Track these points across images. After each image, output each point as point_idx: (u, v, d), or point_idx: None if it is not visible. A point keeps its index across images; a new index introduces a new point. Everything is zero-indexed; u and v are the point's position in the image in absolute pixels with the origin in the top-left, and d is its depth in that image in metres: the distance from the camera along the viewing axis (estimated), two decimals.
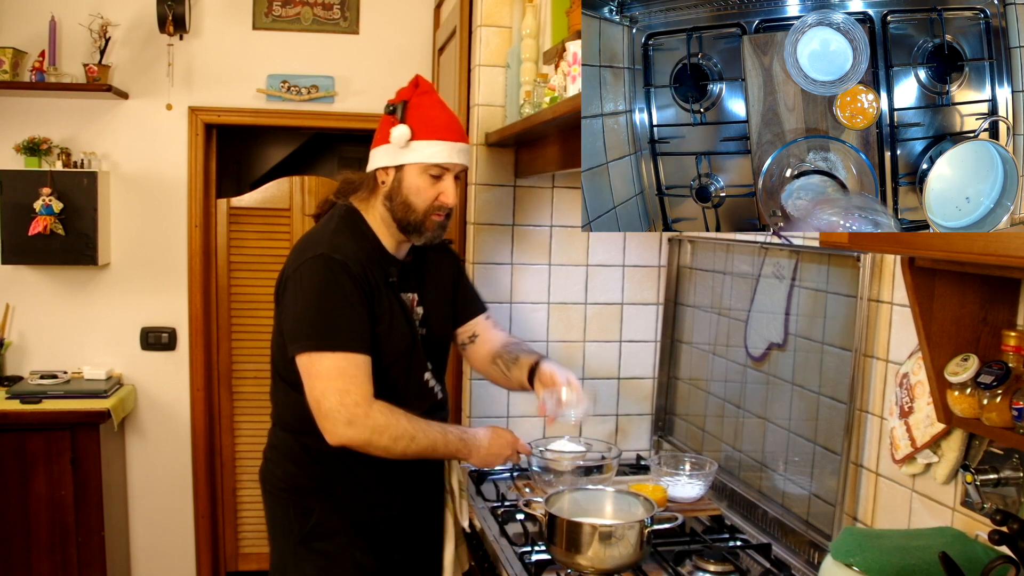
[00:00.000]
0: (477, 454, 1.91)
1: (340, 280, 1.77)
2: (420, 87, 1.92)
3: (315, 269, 1.78)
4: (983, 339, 1.38)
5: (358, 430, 1.72)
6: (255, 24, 3.57)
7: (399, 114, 1.86)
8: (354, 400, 1.72)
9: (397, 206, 1.87)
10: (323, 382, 1.73)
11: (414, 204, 1.86)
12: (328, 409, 1.72)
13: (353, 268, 1.79)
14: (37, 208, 3.25)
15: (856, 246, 1.31)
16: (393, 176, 1.88)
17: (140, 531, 3.68)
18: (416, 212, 1.87)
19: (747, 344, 2.21)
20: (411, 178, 1.86)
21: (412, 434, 1.78)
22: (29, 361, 3.54)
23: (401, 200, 1.87)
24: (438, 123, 1.87)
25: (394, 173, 1.88)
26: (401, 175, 1.87)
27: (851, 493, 1.79)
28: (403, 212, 1.87)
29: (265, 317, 3.74)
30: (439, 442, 1.84)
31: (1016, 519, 1.20)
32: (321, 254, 1.79)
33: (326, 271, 1.77)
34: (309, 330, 1.76)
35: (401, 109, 1.86)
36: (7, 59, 3.27)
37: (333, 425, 1.72)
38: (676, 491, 2.20)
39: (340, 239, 1.84)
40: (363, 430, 1.72)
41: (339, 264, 1.78)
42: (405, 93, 1.91)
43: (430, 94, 1.92)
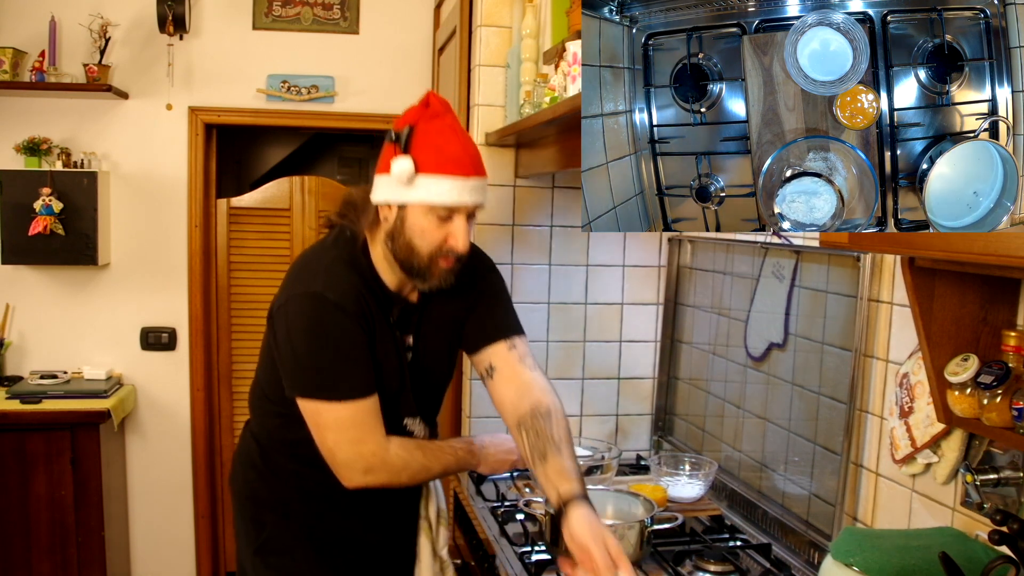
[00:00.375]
0: (485, 462, 1.86)
1: (337, 323, 1.61)
2: (430, 108, 1.62)
3: (307, 309, 1.61)
4: (983, 339, 1.38)
5: (377, 476, 1.66)
6: (255, 24, 3.57)
7: (402, 143, 1.60)
8: (370, 450, 1.64)
9: (399, 247, 1.64)
10: (335, 433, 1.63)
11: (418, 247, 1.63)
12: (344, 460, 1.64)
13: (349, 308, 1.62)
14: (37, 208, 3.25)
15: (856, 246, 1.31)
16: (396, 214, 1.63)
17: (140, 531, 3.68)
18: (420, 256, 1.64)
19: (747, 344, 2.21)
20: (415, 218, 1.62)
21: (428, 465, 1.73)
22: (29, 361, 3.54)
23: (404, 241, 1.63)
24: (447, 155, 1.60)
25: (396, 211, 1.63)
26: (404, 213, 1.62)
27: (851, 493, 1.79)
28: (406, 255, 1.64)
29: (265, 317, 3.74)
30: (451, 463, 1.79)
31: (1016, 519, 1.20)
32: (314, 293, 1.61)
33: (320, 313, 1.60)
34: (311, 378, 1.63)
35: (405, 137, 1.59)
36: (7, 59, 3.27)
37: (351, 473, 1.65)
38: (676, 491, 2.20)
39: (336, 272, 1.65)
40: (381, 475, 1.66)
41: (333, 305, 1.60)
42: (412, 115, 1.63)
43: (441, 117, 1.63)
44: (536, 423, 1.69)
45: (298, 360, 1.64)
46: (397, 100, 3.64)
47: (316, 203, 3.81)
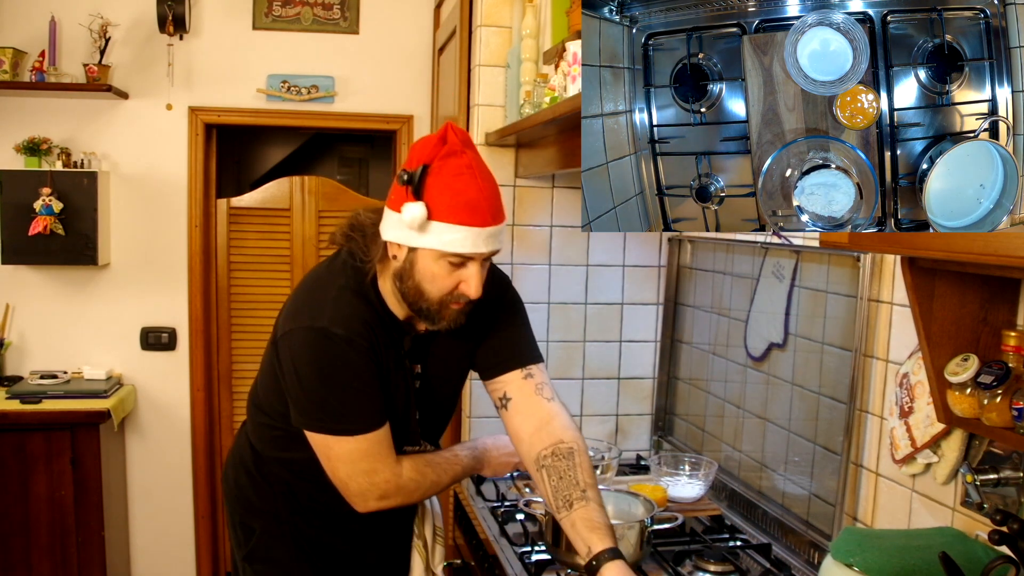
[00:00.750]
0: (489, 465, 1.85)
1: (344, 358, 1.54)
2: (447, 144, 1.49)
3: (313, 344, 1.54)
4: (983, 339, 1.38)
5: (391, 500, 1.64)
6: (255, 24, 3.57)
7: (414, 185, 1.47)
8: (384, 479, 1.61)
9: (408, 288, 1.56)
10: (347, 466, 1.59)
11: (427, 292, 1.54)
12: (358, 490, 1.61)
13: (358, 342, 1.54)
14: (37, 208, 3.25)
15: (856, 246, 1.31)
16: (405, 255, 1.53)
17: (140, 531, 3.68)
18: (430, 300, 1.55)
19: (747, 344, 2.21)
20: (425, 262, 1.52)
21: (438, 481, 1.70)
22: (29, 361, 3.54)
23: (413, 284, 1.54)
24: (463, 201, 1.47)
25: (406, 252, 1.53)
26: (414, 256, 1.52)
27: (851, 493, 1.79)
28: (414, 297, 1.56)
29: (265, 317, 3.74)
30: (459, 472, 1.76)
31: (1016, 519, 1.20)
32: (321, 328, 1.53)
33: (327, 349, 1.53)
34: (320, 413, 1.58)
35: (418, 179, 1.47)
36: (7, 59, 3.27)
37: (364, 501, 1.63)
38: (676, 491, 2.20)
39: (344, 303, 1.57)
40: (396, 499, 1.65)
41: (342, 339, 1.53)
42: (427, 151, 1.49)
43: (458, 156, 1.48)
44: (558, 464, 1.60)
45: (306, 394, 1.58)
46: (397, 100, 3.65)
47: (316, 203, 3.81)
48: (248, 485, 1.80)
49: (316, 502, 1.73)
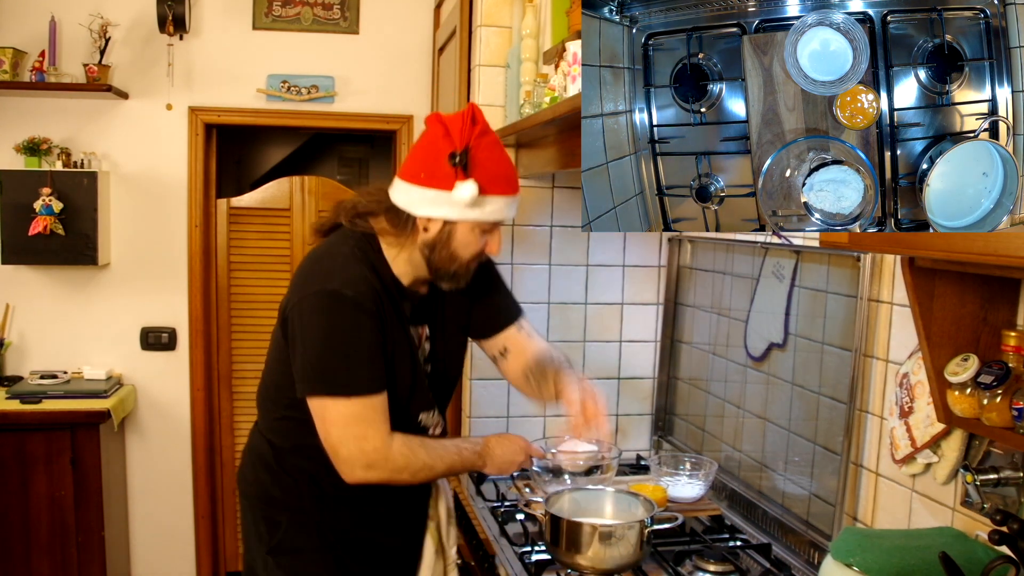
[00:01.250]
0: (492, 463, 1.85)
1: (353, 319, 1.63)
2: (478, 125, 1.65)
3: (323, 306, 1.63)
4: (983, 339, 1.38)
5: (377, 472, 1.67)
6: (255, 24, 3.57)
7: (464, 166, 1.62)
8: (373, 446, 1.65)
9: (439, 257, 1.70)
10: (339, 429, 1.64)
11: (460, 257, 1.71)
12: (347, 456, 1.65)
13: (366, 305, 1.64)
14: (37, 208, 3.25)
15: (856, 246, 1.31)
16: (440, 228, 1.68)
17: (140, 531, 3.68)
18: (460, 264, 1.72)
19: (747, 344, 2.21)
20: (463, 234, 1.68)
21: (431, 464, 1.73)
22: (29, 361, 3.54)
23: (447, 253, 1.70)
24: (502, 173, 1.67)
25: (442, 225, 1.68)
26: (451, 229, 1.68)
27: (851, 493, 1.79)
28: (444, 263, 1.71)
29: (265, 317, 3.74)
30: (456, 463, 1.78)
31: (1016, 519, 1.20)
32: (332, 290, 1.63)
33: (337, 309, 1.63)
34: (322, 374, 1.65)
35: (463, 159, 1.61)
36: (7, 59, 3.27)
37: (351, 469, 1.66)
38: (676, 491, 2.20)
39: (352, 270, 1.67)
40: (382, 471, 1.67)
41: (351, 301, 1.63)
42: (463, 134, 1.63)
43: (488, 135, 1.67)
44: (539, 367, 1.89)
45: (309, 358, 1.66)
46: (397, 100, 3.65)
47: (316, 203, 3.81)
48: (270, 481, 1.84)
49: (339, 488, 1.73)
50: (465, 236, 1.68)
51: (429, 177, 1.65)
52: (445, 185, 1.64)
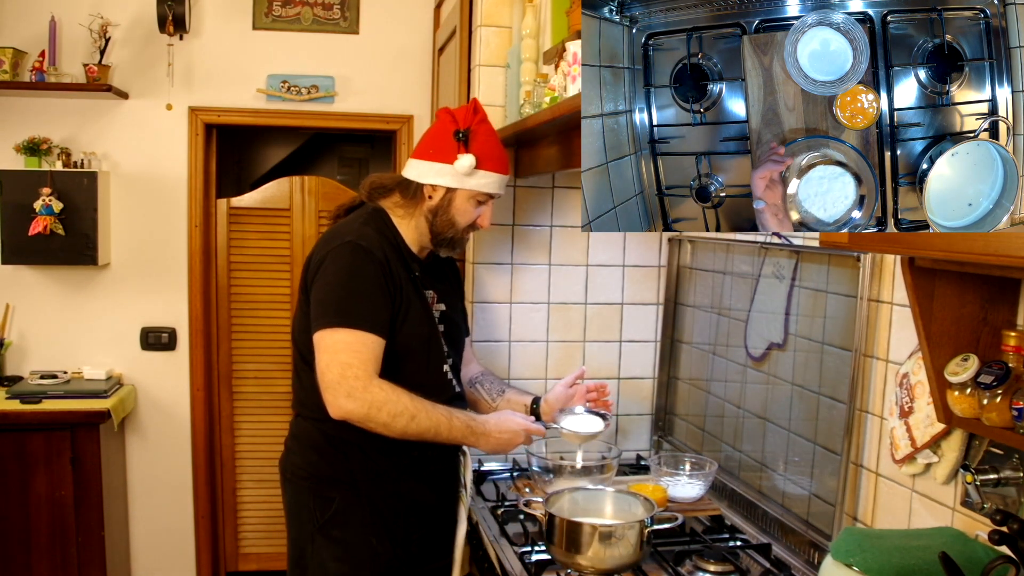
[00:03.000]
0: (486, 441, 1.95)
1: (365, 265, 1.86)
2: (478, 114, 1.99)
3: (342, 254, 1.87)
4: (983, 339, 1.38)
5: (356, 403, 1.77)
6: (255, 24, 3.57)
7: (465, 141, 1.95)
8: (355, 374, 1.78)
9: (440, 222, 1.99)
10: (328, 355, 1.80)
11: (457, 224, 2.00)
12: (330, 381, 1.79)
13: (377, 255, 1.88)
14: (37, 208, 3.25)
15: (856, 246, 1.31)
16: (443, 195, 1.99)
17: (140, 531, 3.67)
18: (456, 230, 2.00)
19: (747, 344, 2.21)
20: (461, 201, 1.99)
21: (412, 413, 1.81)
22: (29, 361, 3.54)
23: (447, 219, 1.99)
24: (496, 155, 2.00)
25: (444, 192, 1.98)
26: (451, 196, 1.98)
27: (851, 493, 1.79)
28: (444, 228, 2.00)
29: (265, 317, 3.75)
30: (443, 425, 1.87)
31: (1016, 519, 1.20)
32: (349, 241, 1.88)
33: (352, 256, 1.86)
34: (329, 309, 1.84)
35: (465, 136, 1.95)
36: (7, 59, 3.27)
37: (334, 397, 1.78)
38: (676, 491, 2.20)
39: (368, 231, 1.93)
40: (361, 404, 1.77)
41: (364, 250, 1.87)
42: (465, 118, 1.98)
43: (487, 123, 2.01)
44: (484, 379, 2.28)
45: (324, 296, 1.86)
46: (397, 100, 3.65)
47: (316, 203, 3.81)
48: (321, 461, 1.96)
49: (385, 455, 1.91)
50: (462, 204, 1.99)
51: (435, 152, 1.98)
52: (448, 158, 1.96)
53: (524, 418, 2.04)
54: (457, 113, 1.99)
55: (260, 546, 3.88)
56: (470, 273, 2.60)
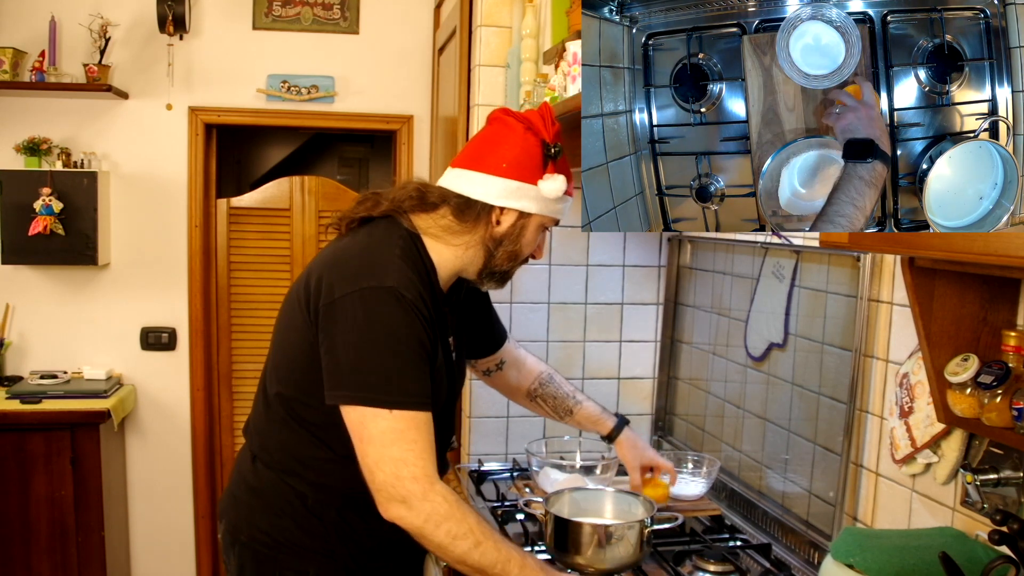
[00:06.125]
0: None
1: (411, 323, 1.48)
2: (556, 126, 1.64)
3: (381, 304, 1.47)
4: (983, 339, 1.38)
5: (412, 513, 1.43)
6: (255, 24, 3.57)
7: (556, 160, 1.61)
8: (412, 475, 1.43)
9: (503, 252, 1.63)
10: (377, 449, 1.44)
11: (521, 254, 1.66)
12: (381, 483, 1.44)
13: (422, 309, 1.50)
14: (37, 208, 3.25)
15: (856, 246, 1.31)
16: (514, 221, 1.61)
17: (140, 531, 3.68)
18: (516, 262, 1.67)
19: (747, 344, 2.21)
20: (533, 230, 1.64)
21: (478, 539, 1.43)
22: (29, 361, 3.54)
23: (513, 249, 1.63)
24: (570, 177, 1.65)
25: (516, 218, 1.61)
26: (525, 223, 1.62)
27: (851, 493, 1.79)
28: (504, 260, 1.64)
29: (265, 317, 3.74)
30: (515, 562, 1.45)
31: (1016, 519, 1.20)
32: (389, 288, 1.47)
33: (395, 310, 1.47)
34: (364, 379, 1.46)
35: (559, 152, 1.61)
36: (7, 59, 3.27)
37: (386, 500, 1.45)
38: (679, 489, 2.20)
39: (406, 270, 1.52)
40: (417, 515, 1.43)
41: (408, 304, 1.48)
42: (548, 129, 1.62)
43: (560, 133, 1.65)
44: (547, 389, 2.04)
45: (353, 358, 1.47)
46: (397, 100, 3.65)
47: (316, 203, 3.81)
48: (296, 528, 1.64)
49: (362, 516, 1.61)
50: (533, 233, 1.64)
51: (515, 168, 1.59)
52: (532, 178, 1.60)
53: None
54: (534, 120, 1.61)
55: None
56: None
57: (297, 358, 1.58)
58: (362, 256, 1.55)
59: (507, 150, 1.60)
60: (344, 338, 1.48)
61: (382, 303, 1.47)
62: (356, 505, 1.59)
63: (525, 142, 1.60)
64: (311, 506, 1.63)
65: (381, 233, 1.60)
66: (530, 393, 2.05)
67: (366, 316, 1.46)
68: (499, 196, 1.59)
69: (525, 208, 1.60)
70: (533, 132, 1.60)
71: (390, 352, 1.46)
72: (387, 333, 1.46)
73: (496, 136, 1.63)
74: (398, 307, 1.47)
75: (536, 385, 2.05)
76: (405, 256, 1.55)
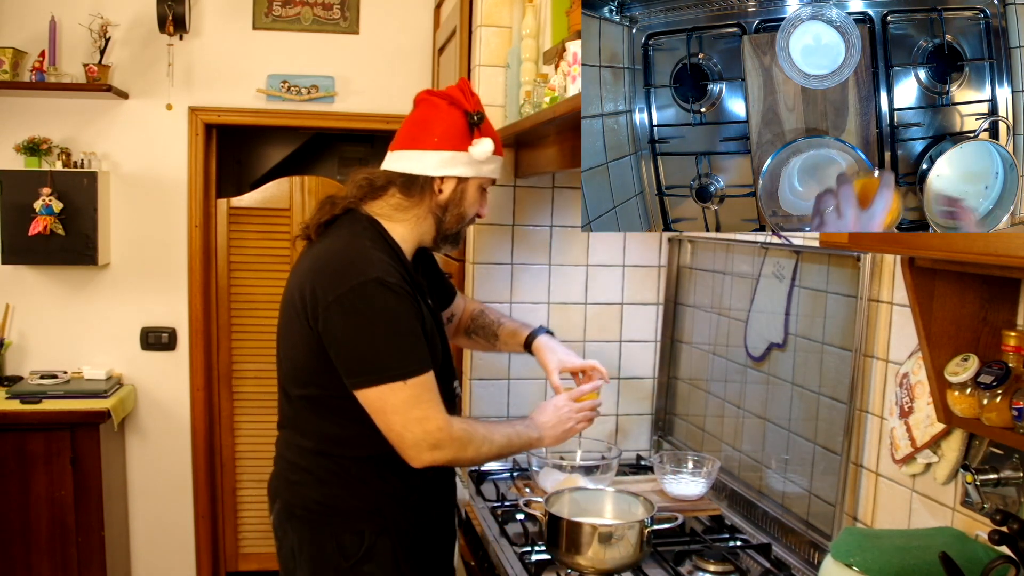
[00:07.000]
0: (550, 434, 1.89)
1: (398, 303, 1.67)
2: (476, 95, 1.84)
3: (372, 296, 1.65)
4: (983, 339, 1.38)
5: (444, 452, 1.68)
6: (255, 24, 3.57)
7: (480, 125, 1.80)
8: (436, 425, 1.67)
9: (451, 217, 1.83)
10: (401, 416, 1.65)
11: (466, 216, 1.85)
12: (413, 441, 1.66)
13: (405, 289, 1.69)
14: (37, 208, 3.25)
15: (856, 246, 1.31)
16: (454, 187, 1.81)
17: (140, 531, 3.68)
18: (464, 223, 1.86)
19: (747, 344, 2.21)
20: (472, 191, 1.84)
21: (490, 437, 1.76)
22: (29, 361, 3.54)
23: (459, 212, 1.83)
24: (497, 138, 1.84)
25: (455, 184, 1.81)
26: (464, 186, 1.82)
27: (851, 493, 1.79)
28: (454, 223, 1.84)
29: (265, 317, 3.74)
30: (511, 435, 1.82)
31: (1016, 519, 1.20)
32: (373, 279, 1.65)
33: (382, 297, 1.65)
34: (376, 362, 1.66)
35: (481, 119, 1.80)
36: (7, 59, 3.27)
37: (418, 453, 1.67)
38: (679, 489, 2.20)
39: (379, 256, 1.72)
40: (448, 450, 1.69)
41: (391, 287, 1.66)
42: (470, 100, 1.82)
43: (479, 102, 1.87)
44: (477, 322, 2.18)
45: (363, 346, 1.66)
46: (397, 100, 3.65)
47: (316, 203, 3.80)
48: (346, 495, 1.78)
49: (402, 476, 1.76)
50: (473, 194, 1.83)
51: (445, 140, 1.78)
52: (461, 145, 1.78)
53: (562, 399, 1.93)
54: (454, 95, 1.81)
55: (260, 546, 3.87)
56: (470, 273, 2.60)
57: (309, 364, 1.73)
58: (340, 257, 1.72)
59: (436, 125, 1.79)
60: (348, 334, 1.66)
61: (372, 294, 1.65)
62: (394, 467, 1.73)
63: (450, 115, 1.79)
64: (355, 474, 1.78)
65: (347, 231, 1.79)
66: (467, 330, 2.19)
67: (361, 309, 1.64)
68: (437, 167, 1.79)
69: (461, 173, 1.80)
70: (456, 105, 1.79)
71: (391, 333, 1.66)
72: (384, 319, 1.65)
73: (424, 115, 1.82)
74: (387, 293, 1.65)
75: (469, 322, 2.19)
76: (375, 244, 1.74)
